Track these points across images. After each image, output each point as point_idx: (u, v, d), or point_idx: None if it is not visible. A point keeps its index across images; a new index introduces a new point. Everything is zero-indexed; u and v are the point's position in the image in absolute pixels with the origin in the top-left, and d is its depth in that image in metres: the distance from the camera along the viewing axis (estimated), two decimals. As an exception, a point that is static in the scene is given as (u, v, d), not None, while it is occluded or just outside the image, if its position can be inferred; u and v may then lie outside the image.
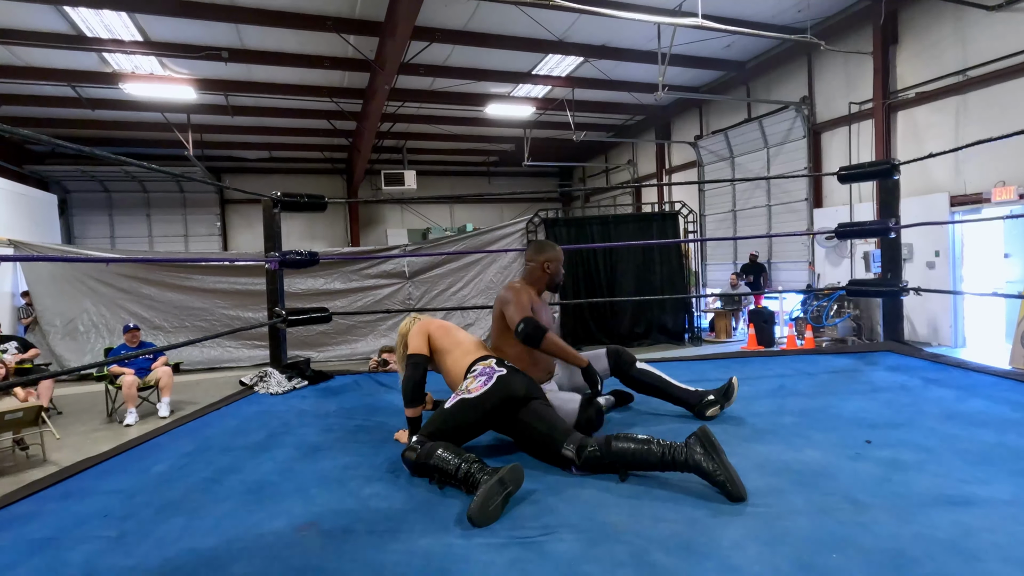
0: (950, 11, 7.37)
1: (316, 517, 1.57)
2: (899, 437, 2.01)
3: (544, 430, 1.88)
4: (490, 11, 7.72)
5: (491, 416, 1.95)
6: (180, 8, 7.19)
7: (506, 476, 1.57)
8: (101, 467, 2.08)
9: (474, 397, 1.92)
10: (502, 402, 1.92)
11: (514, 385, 1.95)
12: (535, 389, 2.02)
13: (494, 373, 1.97)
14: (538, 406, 1.96)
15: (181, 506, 1.68)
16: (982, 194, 7.24)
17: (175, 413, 6.07)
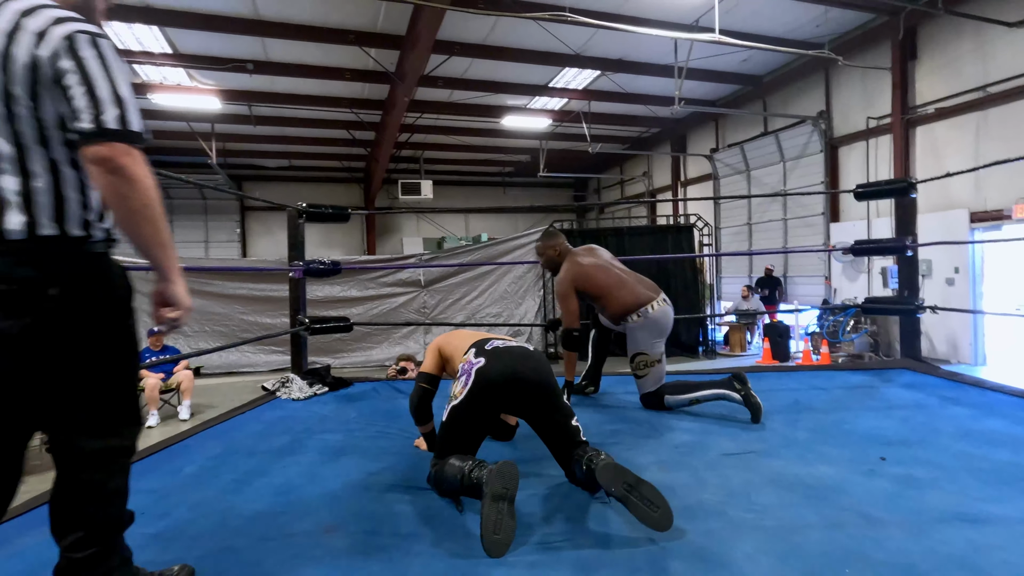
0: (970, 27, 7.35)
1: (342, 520, 1.64)
2: (913, 454, 2.03)
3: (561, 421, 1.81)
4: (509, 26, 7.86)
5: (485, 413, 1.84)
6: (209, 22, 7.41)
7: (495, 487, 1.46)
8: (134, 467, 2.15)
9: (460, 402, 1.81)
10: (488, 395, 1.80)
11: (493, 372, 1.79)
12: (528, 365, 1.83)
13: (472, 367, 1.82)
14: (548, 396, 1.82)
15: (213, 506, 1.76)
16: (1003, 211, 7.16)
17: (195, 416, 6.20)
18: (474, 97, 10.57)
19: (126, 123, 1.07)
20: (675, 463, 2.04)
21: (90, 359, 1.13)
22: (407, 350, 9.18)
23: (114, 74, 1.09)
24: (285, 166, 15.57)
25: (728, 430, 2.41)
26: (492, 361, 1.82)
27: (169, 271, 1.18)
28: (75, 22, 1.09)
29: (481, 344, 1.93)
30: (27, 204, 1.07)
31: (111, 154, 1.05)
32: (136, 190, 1.07)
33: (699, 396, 2.66)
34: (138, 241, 1.12)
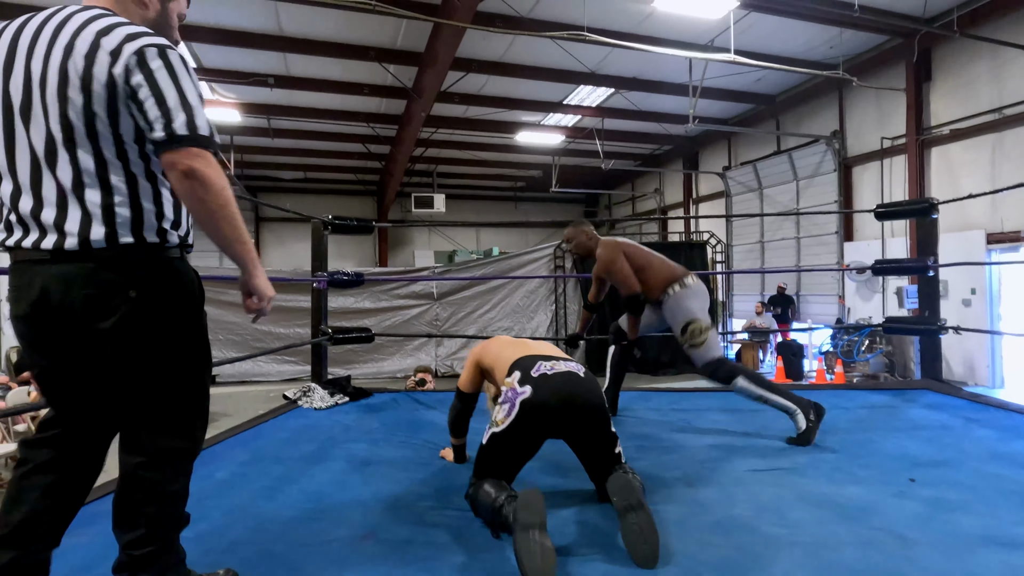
0: (985, 50, 7.38)
1: (375, 528, 1.66)
2: (943, 476, 2.02)
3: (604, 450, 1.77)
4: (526, 44, 7.99)
5: (529, 443, 1.76)
6: (235, 38, 7.59)
7: (524, 518, 1.39)
8: (165, 472, 2.19)
9: (502, 431, 1.72)
10: (533, 427, 1.72)
11: (540, 403, 1.70)
12: (579, 393, 1.74)
13: (516, 397, 1.72)
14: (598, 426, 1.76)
15: (247, 512, 1.79)
16: (1020, 232, 7.13)
17: (210, 424, 6.23)
18: (489, 113, 10.70)
19: (194, 128, 1.11)
20: (702, 478, 2.04)
21: (165, 357, 1.19)
22: (419, 362, 9.20)
23: (182, 82, 1.13)
24: (300, 178, 15.78)
25: (753, 447, 2.41)
26: (539, 391, 1.71)
27: (250, 264, 1.23)
28: (145, 37, 1.14)
29: (526, 367, 1.79)
30: (108, 216, 1.13)
31: (183, 159, 1.10)
32: (211, 192, 1.12)
33: (770, 398, 2.51)
34: (219, 240, 1.17)
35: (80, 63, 1.09)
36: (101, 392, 1.19)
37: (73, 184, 1.12)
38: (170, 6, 1.32)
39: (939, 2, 7.04)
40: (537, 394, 1.71)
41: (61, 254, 1.11)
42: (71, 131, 1.11)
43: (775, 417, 2.92)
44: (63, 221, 1.11)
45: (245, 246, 1.20)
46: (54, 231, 1.11)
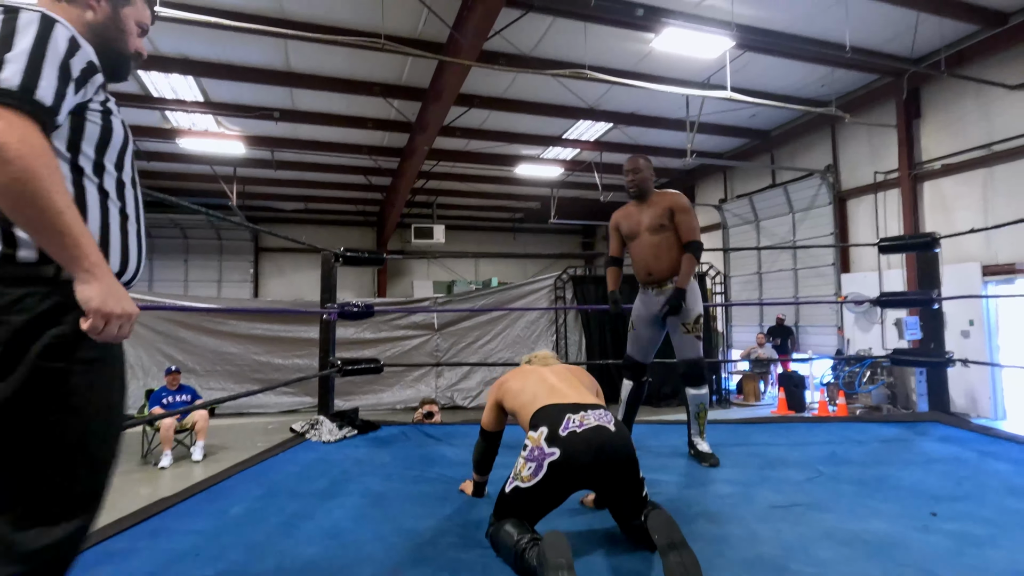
0: (972, 88, 7.63)
1: (400, 564, 1.63)
2: (964, 510, 2.01)
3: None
4: (528, 81, 8.20)
5: (555, 500, 1.73)
6: (243, 73, 7.77)
7: (551, 561, 1.38)
8: (178, 508, 2.16)
9: (527, 488, 1.68)
10: (562, 488, 1.69)
11: (571, 465, 1.66)
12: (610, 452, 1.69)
13: (544, 459, 1.67)
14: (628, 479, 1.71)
15: (267, 549, 1.75)
16: (1015, 264, 7.24)
17: (208, 457, 6.14)
18: (490, 147, 10.90)
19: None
20: (724, 515, 2.02)
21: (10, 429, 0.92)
22: (419, 393, 9.12)
23: (17, 36, 0.92)
24: (301, 209, 15.90)
25: (772, 481, 2.40)
26: (568, 452, 1.66)
27: (72, 265, 0.92)
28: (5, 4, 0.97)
29: (553, 424, 1.73)
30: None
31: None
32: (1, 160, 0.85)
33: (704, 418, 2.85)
34: (26, 228, 0.91)
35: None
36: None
37: None
38: (124, 11, 1.19)
39: (927, 43, 7.30)
40: (566, 455, 1.66)
41: None
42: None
43: (788, 450, 2.92)
44: None
45: (64, 237, 0.90)
46: None
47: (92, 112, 1.07)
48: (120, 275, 1.09)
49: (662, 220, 2.79)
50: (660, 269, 2.79)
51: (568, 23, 6.73)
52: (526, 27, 6.66)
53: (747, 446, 3.01)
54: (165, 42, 7.09)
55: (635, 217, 2.90)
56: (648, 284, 2.86)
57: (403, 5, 6.15)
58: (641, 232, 2.86)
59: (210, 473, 2.70)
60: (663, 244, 2.79)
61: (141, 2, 1.24)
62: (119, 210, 1.11)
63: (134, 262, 1.14)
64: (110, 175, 1.09)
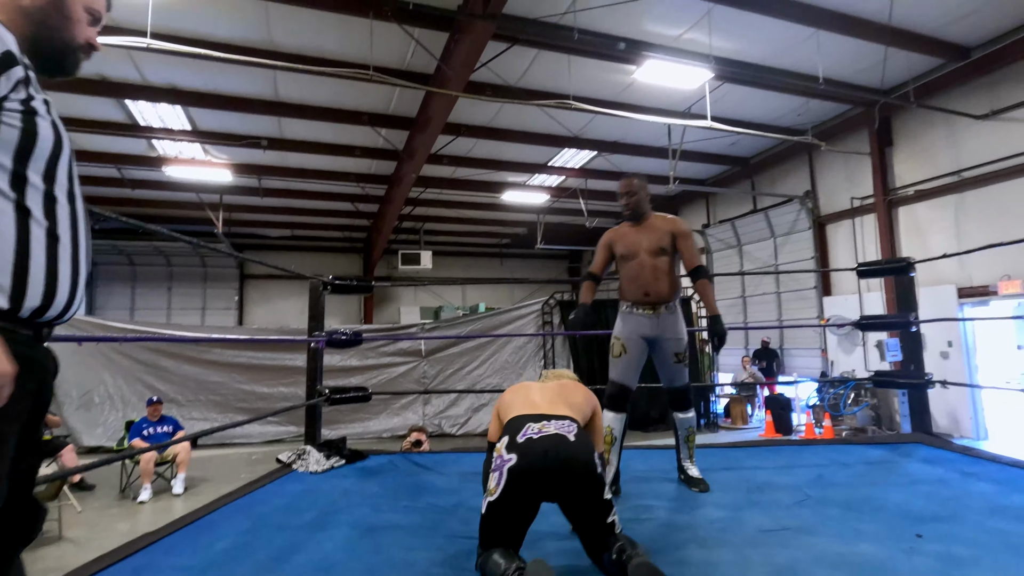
0: (940, 118, 7.94)
1: (391, 598, 1.61)
2: (948, 531, 2.05)
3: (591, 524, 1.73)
4: (514, 110, 8.38)
5: (522, 509, 1.73)
6: (232, 103, 7.83)
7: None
8: (163, 543, 2.11)
9: (495, 499, 1.71)
10: (522, 494, 1.70)
11: (525, 471, 1.69)
12: (562, 459, 1.70)
13: (504, 465, 1.72)
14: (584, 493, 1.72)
15: (255, 584, 1.72)
16: (989, 287, 7.45)
17: (189, 490, 5.98)
18: (477, 174, 11.05)
19: None
20: (714, 540, 2.03)
21: None
22: (406, 421, 9.02)
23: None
24: (287, 236, 15.86)
25: (761, 505, 2.41)
26: (524, 457, 1.71)
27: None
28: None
29: (514, 431, 1.80)
30: None
31: None
32: None
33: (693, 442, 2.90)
34: None
35: None
36: None
37: None
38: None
39: (895, 75, 7.62)
40: (522, 461, 1.70)
41: None
42: None
43: (776, 473, 2.94)
44: None
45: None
46: None
47: (7, 113, 0.92)
48: (43, 309, 0.94)
49: (663, 243, 2.79)
50: (659, 291, 2.77)
51: (553, 55, 6.93)
52: (512, 59, 6.84)
53: (736, 470, 3.03)
54: (154, 72, 7.14)
55: (632, 238, 2.86)
56: (641, 305, 2.78)
57: (391, 37, 6.29)
58: (640, 253, 2.81)
59: (191, 507, 2.65)
60: (662, 267, 2.79)
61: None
62: (46, 231, 0.94)
63: (65, 294, 0.97)
64: (35, 189, 0.93)
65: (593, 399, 2.15)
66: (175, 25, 6.03)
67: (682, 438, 2.86)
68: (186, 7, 5.79)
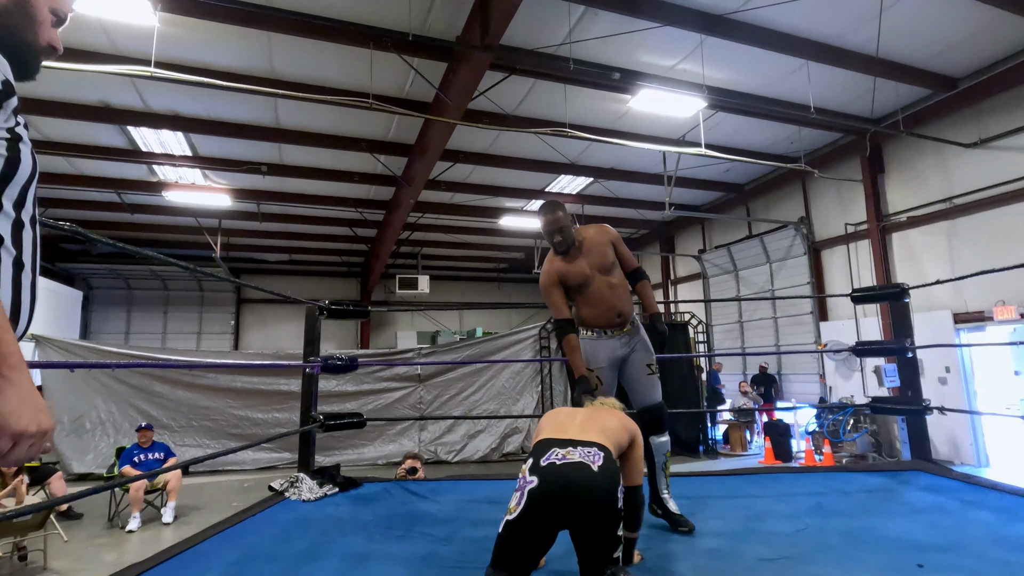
0: (930, 146, 8.09)
1: (382, 632, 1.57)
2: (950, 561, 2.02)
3: None
4: (511, 138, 8.51)
5: (539, 534, 1.70)
6: (232, 130, 7.94)
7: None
8: (149, 575, 2.06)
9: (513, 519, 1.69)
10: (539, 519, 1.68)
11: (544, 496, 1.68)
12: (582, 489, 1.67)
13: (525, 487, 1.71)
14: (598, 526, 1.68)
15: (243, 617, 1.68)
16: (984, 312, 7.48)
17: (179, 519, 5.86)
18: (475, 200, 11.15)
19: None
20: (712, 569, 2.00)
21: None
22: (402, 447, 8.91)
23: None
24: (285, 260, 15.90)
25: (759, 534, 2.38)
26: (544, 482, 1.69)
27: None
28: None
29: (539, 454, 1.78)
30: None
31: None
32: None
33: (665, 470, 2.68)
34: None
35: None
36: None
37: None
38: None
39: (885, 104, 7.78)
40: (541, 485, 1.69)
41: None
42: None
43: (775, 501, 2.91)
44: None
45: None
46: None
47: (10, 142, 0.88)
48: None
49: (609, 257, 2.60)
50: (626, 308, 2.63)
51: (549, 85, 7.07)
52: (509, 88, 6.98)
53: (734, 498, 2.99)
54: (157, 99, 7.26)
55: (577, 265, 2.61)
56: (612, 327, 2.62)
57: (391, 67, 6.42)
58: (594, 277, 2.60)
59: (181, 536, 2.60)
60: (620, 281, 2.63)
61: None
62: (13, 260, 0.89)
63: (25, 319, 0.93)
64: (6, 216, 0.88)
65: (633, 427, 2.05)
66: (178, 54, 6.15)
67: (659, 466, 2.57)
68: (189, 37, 5.91)
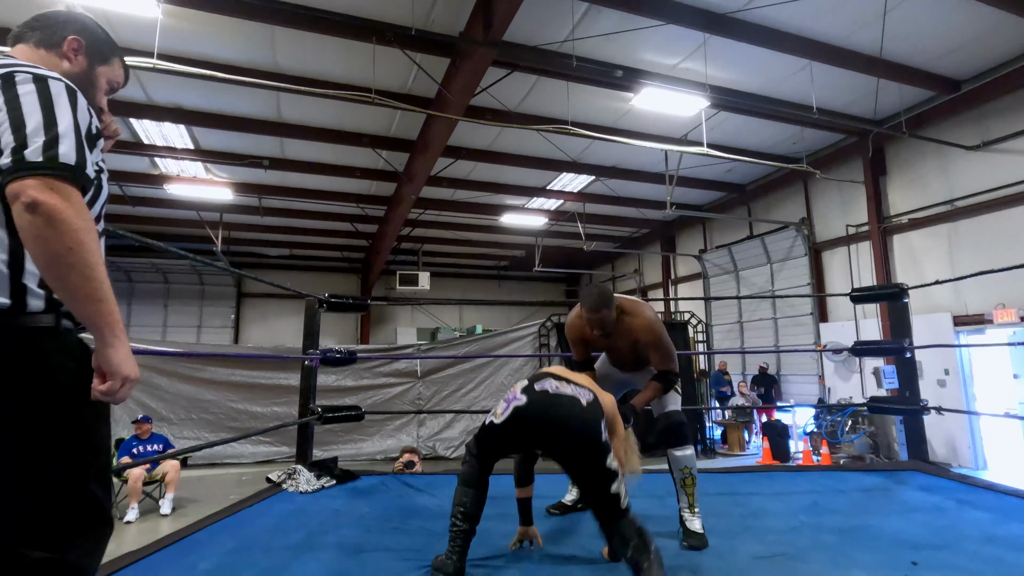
0: (932, 148, 8.07)
1: (376, 621, 1.58)
2: (944, 559, 2.02)
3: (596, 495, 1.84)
4: (513, 135, 8.50)
5: (514, 445, 1.96)
6: (235, 123, 7.93)
7: None
8: (145, 563, 2.07)
9: (494, 425, 1.91)
10: (517, 434, 1.89)
11: (526, 416, 1.86)
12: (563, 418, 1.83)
13: (512, 401, 1.90)
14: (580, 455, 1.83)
15: (238, 605, 1.69)
16: (984, 315, 7.47)
17: (177, 510, 5.88)
18: (476, 196, 11.15)
19: (53, 155, 0.94)
20: (708, 567, 2.01)
21: (13, 457, 0.96)
22: (400, 443, 8.92)
23: (56, 108, 0.98)
24: (286, 255, 15.91)
25: (754, 531, 2.39)
26: (531, 403, 1.88)
27: (105, 329, 0.99)
28: (26, 66, 1.02)
29: (535, 380, 1.96)
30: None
31: (28, 189, 0.91)
32: (58, 231, 0.92)
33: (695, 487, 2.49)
34: (66, 294, 0.96)
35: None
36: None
37: None
38: (99, 68, 1.24)
39: (888, 106, 7.77)
40: (527, 406, 1.87)
41: None
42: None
43: (771, 499, 2.91)
44: None
45: (101, 305, 0.98)
46: None
47: (98, 174, 1.09)
48: None
49: (637, 352, 2.51)
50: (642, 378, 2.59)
51: (552, 82, 7.06)
52: (512, 85, 6.97)
53: (730, 495, 2.99)
54: (159, 92, 7.26)
55: (605, 344, 2.58)
56: None
57: (393, 62, 6.42)
58: (618, 348, 2.57)
59: (178, 528, 2.60)
60: (642, 363, 2.57)
61: (118, 64, 1.29)
62: None
63: None
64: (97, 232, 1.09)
65: (620, 422, 2.16)
66: (181, 47, 6.15)
67: (678, 482, 2.43)
68: (192, 29, 5.91)
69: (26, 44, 1.18)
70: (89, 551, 1.04)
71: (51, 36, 1.18)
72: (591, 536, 2.36)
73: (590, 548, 2.21)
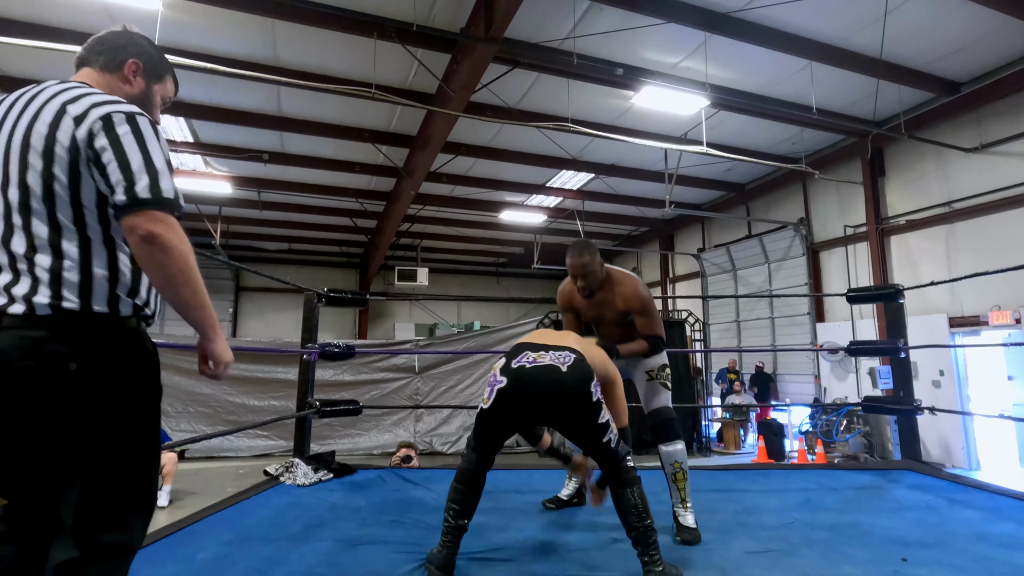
0: (931, 150, 8.09)
1: (372, 612, 1.60)
2: (933, 557, 2.05)
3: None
4: (513, 131, 8.50)
5: (507, 425, 1.97)
6: (235, 117, 7.92)
7: None
8: (142, 553, 2.06)
9: (486, 410, 1.94)
10: (507, 415, 1.93)
11: (512, 396, 1.88)
12: (548, 388, 1.85)
13: (495, 385, 1.92)
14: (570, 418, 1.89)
15: (235, 595, 1.71)
16: (979, 317, 7.51)
17: (174, 503, 5.90)
18: (475, 193, 11.15)
19: (158, 191, 1.10)
20: (699, 562, 2.03)
21: (106, 440, 1.10)
22: (397, 438, 8.94)
23: (149, 147, 1.13)
24: (284, 249, 15.90)
25: (747, 527, 2.41)
26: (512, 383, 1.89)
27: (209, 331, 1.23)
28: (114, 104, 1.15)
29: (511, 357, 1.96)
30: (55, 281, 1.09)
31: (143, 223, 1.08)
32: (171, 257, 1.10)
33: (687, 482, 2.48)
34: (178, 305, 1.16)
35: (43, 130, 1.12)
36: (36, 477, 1.10)
37: (27, 249, 1.11)
38: (155, 87, 1.37)
39: (887, 107, 7.78)
40: (510, 385, 1.89)
41: (6, 318, 1.08)
42: (28, 196, 1.11)
43: (764, 496, 2.94)
44: (13, 285, 1.10)
45: (205, 311, 1.19)
46: (4, 295, 1.10)
47: None
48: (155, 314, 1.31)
49: (624, 316, 2.56)
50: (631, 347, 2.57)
51: (552, 79, 7.06)
52: (512, 81, 6.97)
53: (724, 492, 3.02)
54: (159, 85, 7.23)
55: (594, 308, 2.64)
56: None
57: (395, 57, 6.41)
58: (606, 320, 2.63)
59: (176, 519, 2.62)
60: (630, 332, 2.59)
61: (170, 80, 1.42)
62: (129, 256, 1.23)
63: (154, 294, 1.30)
64: (114, 221, 1.20)
65: (614, 369, 2.13)
66: (182, 40, 6.13)
67: (669, 476, 2.42)
68: (193, 22, 5.89)
69: (92, 68, 1.30)
70: (143, 531, 1.19)
71: (113, 59, 1.31)
72: (587, 530, 2.39)
73: (585, 543, 2.23)
